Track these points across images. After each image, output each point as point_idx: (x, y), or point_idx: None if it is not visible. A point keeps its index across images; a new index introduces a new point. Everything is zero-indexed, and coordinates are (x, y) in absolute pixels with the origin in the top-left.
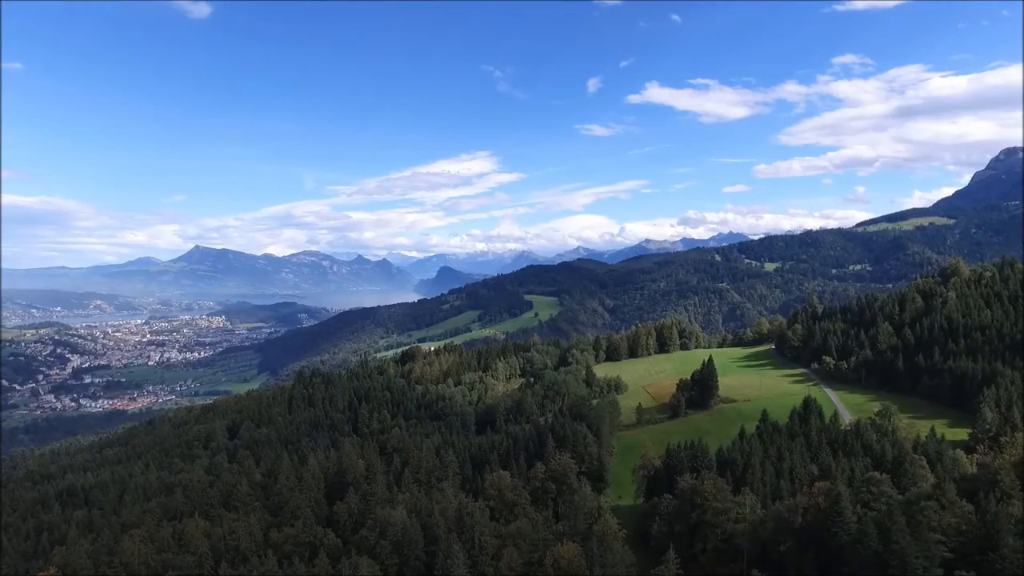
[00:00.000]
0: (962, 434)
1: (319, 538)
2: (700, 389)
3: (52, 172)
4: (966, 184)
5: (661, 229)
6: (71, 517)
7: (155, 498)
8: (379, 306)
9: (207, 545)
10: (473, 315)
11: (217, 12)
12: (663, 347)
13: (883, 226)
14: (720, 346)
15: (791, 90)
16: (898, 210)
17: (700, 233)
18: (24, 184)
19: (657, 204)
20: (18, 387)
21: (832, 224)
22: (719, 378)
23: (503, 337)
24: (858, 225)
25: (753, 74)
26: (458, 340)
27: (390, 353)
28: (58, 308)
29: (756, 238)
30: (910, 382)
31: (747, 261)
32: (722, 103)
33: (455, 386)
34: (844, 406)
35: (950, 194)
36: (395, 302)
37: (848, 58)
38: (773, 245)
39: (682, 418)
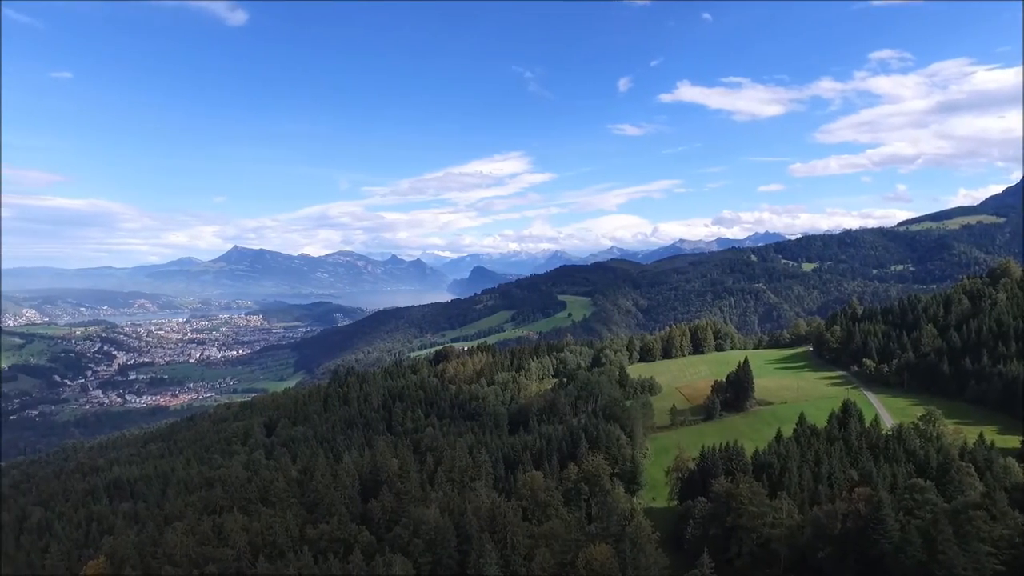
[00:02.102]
0: (1014, 441)
1: (353, 535)
2: (735, 391)
3: (98, 176)
4: (1017, 181)
5: (695, 229)
6: (118, 508)
7: (196, 492)
8: (413, 306)
9: (245, 539)
10: (506, 315)
11: (253, 18)
12: (697, 348)
13: (927, 225)
14: (756, 347)
15: (826, 87)
16: (942, 208)
17: (735, 233)
18: (72, 187)
19: (691, 204)
20: (69, 382)
21: (872, 223)
22: (755, 380)
23: (536, 337)
24: (900, 224)
25: (786, 71)
26: (491, 340)
27: (424, 353)
28: (105, 307)
29: (793, 238)
30: (956, 386)
31: (783, 261)
32: (755, 101)
33: (488, 386)
34: (885, 410)
35: (999, 191)
36: (429, 302)
37: (886, 53)
38: (811, 245)
39: (717, 420)
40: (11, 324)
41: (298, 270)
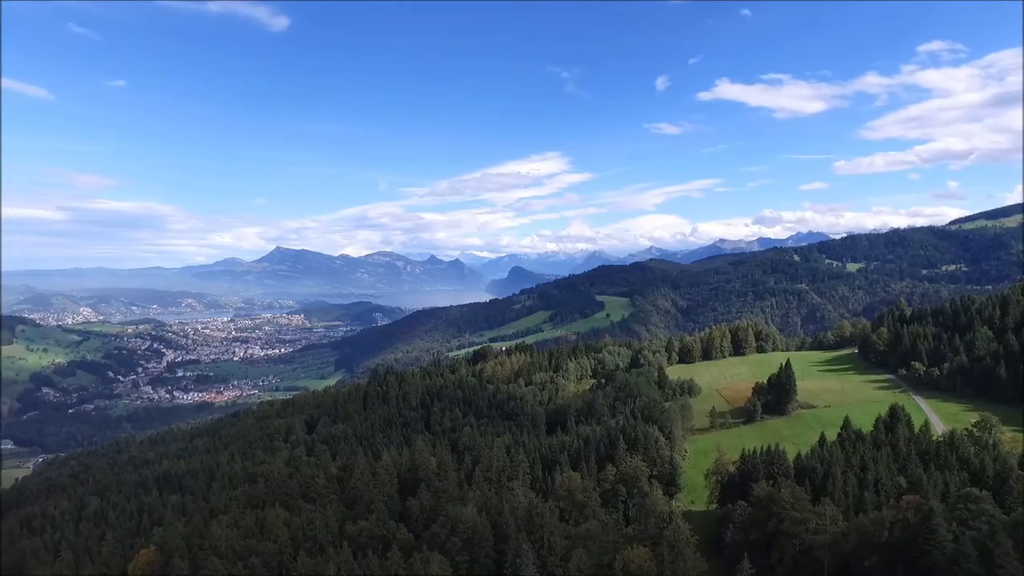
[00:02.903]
0: None
1: (392, 532)
2: (777, 393)
3: (148, 179)
4: None
5: (735, 229)
6: (167, 501)
7: (240, 487)
8: (451, 306)
9: (287, 534)
10: (544, 315)
11: (294, 23)
12: (738, 349)
13: (981, 223)
14: (798, 349)
15: (871, 82)
16: (999, 206)
17: (776, 232)
18: (124, 191)
19: (731, 203)
20: (121, 378)
21: (921, 222)
22: (797, 382)
23: (574, 337)
24: (952, 223)
25: (829, 67)
26: (529, 340)
27: (462, 352)
28: (155, 306)
29: (837, 237)
30: (1014, 392)
31: (828, 261)
32: (796, 98)
33: (526, 386)
34: (936, 415)
35: None
36: (467, 302)
37: (936, 45)
38: (856, 244)
39: (758, 423)
40: (69, 322)
41: (338, 270)
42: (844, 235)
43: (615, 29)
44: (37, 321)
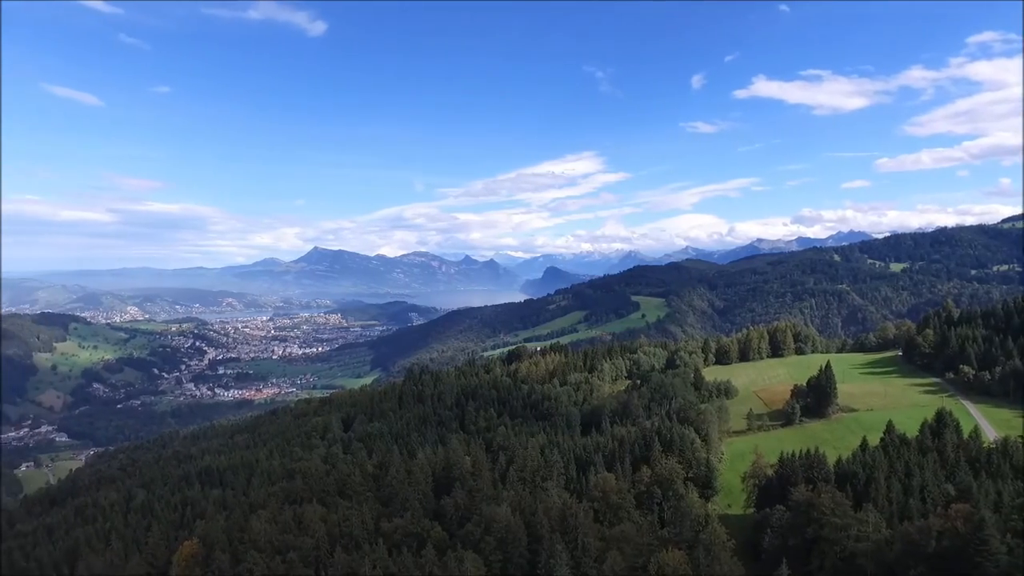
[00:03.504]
0: None
1: (426, 530)
2: (816, 396)
3: (191, 181)
4: None
5: (773, 228)
6: (209, 495)
7: (278, 483)
8: (486, 306)
9: (323, 530)
10: (579, 315)
11: (331, 28)
12: (776, 351)
13: None
14: (839, 351)
15: (916, 76)
16: None
17: (816, 232)
18: (168, 193)
19: (769, 202)
20: (166, 375)
21: (971, 220)
22: (838, 385)
23: (609, 338)
24: (1004, 221)
25: (871, 62)
26: (564, 340)
27: (497, 352)
28: (197, 305)
29: (880, 236)
30: None
31: (870, 261)
32: (837, 94)
33: (560, 386)
34: (987, 421)
35: None
36: (502, 302)
37: (987, 36)
38: (900, 244)
39: (796, 426)
40: (117, 320)
41: (375, 270)
42: (887, 234)
43: (649, 28)
44: (88, 319)
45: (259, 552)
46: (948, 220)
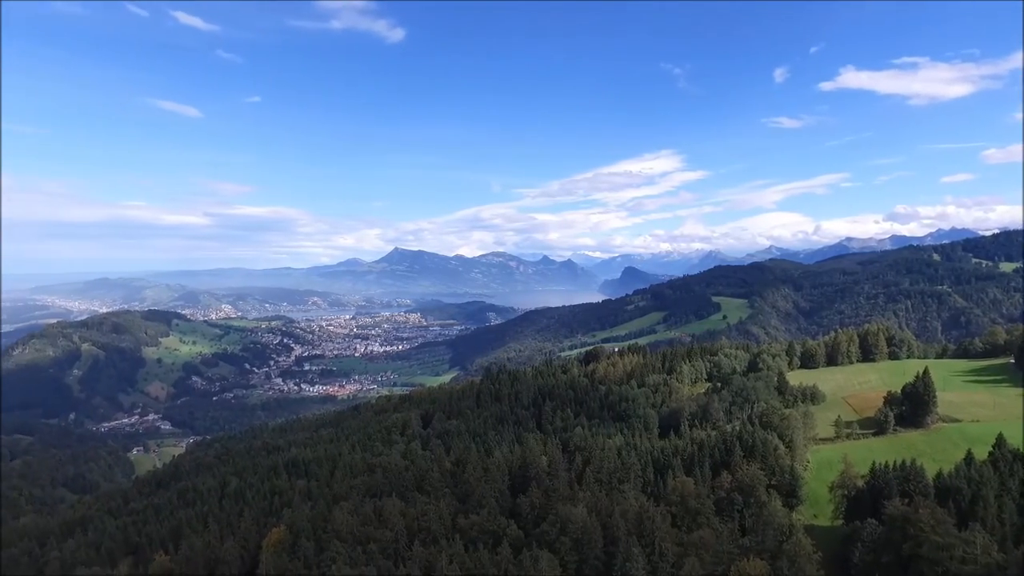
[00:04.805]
0: None
1: (502, 528)
2: (913, 404)
3: (279, 185)
4: None
5: (864, 226)
6: (295, 485)
7: (359, 476)
8: (563, 306)
9: (402, 523)
10: (658, 316)
11: (409, 34)
12: (867, 355)
13: None
14: (939, 357)
15: None
16: None
17: (912, 230)
18: (258, 197)
19: (859, 199)
20: (256, 370)
21: None
22: (937, 393)
23: (689, 339)
24: None
25: (976, 45)
26: (642, 341)
27: (574, 352)
28: (284, 304)
29: (987, 234)
30: None
31: (975, 261)
32: (936, 82)
33: (638, 388)
34: None
35: None
36: (579, 302)
37: None
38: (1011, 241)
39: (890, 435)
40: (213, 317)
41: (453, 270)
42: (996, 231)
43: (728, 22)
44: (188, 316)
45: (341, 542)
46: None
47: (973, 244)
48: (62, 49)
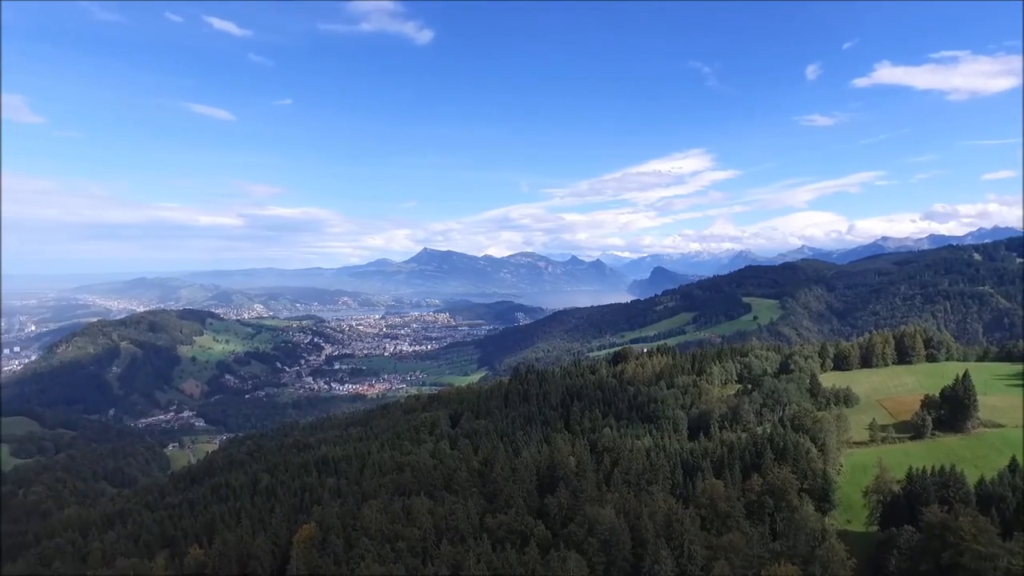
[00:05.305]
0: None
1: (530, 528)
2: (952, 408)
3: (309, 186)
4: None
5: (900, 225)
6: (325, 482)
7: (388, 474)
8: (592, 306)
9: (431, 522)
10: (687, 317)
11: (437, 36)
12: (903, 357)
13: None
14: (979, 360)
15: None
16: None
17: (951, 228)
18: (289, 198)
19: (895, 197)
20: (287, 369)
21: None
22: (979, 396)
23: (718, 340)
24: None
25: (1021, 36)
26: (671, 342)
27: (602, 353)
28: (315, 303)
29: None
30: None
31: (1020, 260)
32: (976, 76)
33: (667, 389)
34: None
35: None
36: (608, 302)
37: None
38: None
39: (927, 439)
40: (246, 316)
41: (482, 270)
42: None
43: (757, 19)
44: (221, 315)
45: (370, 539)
46: None
47: (1017, 243)
48: (103, 56)
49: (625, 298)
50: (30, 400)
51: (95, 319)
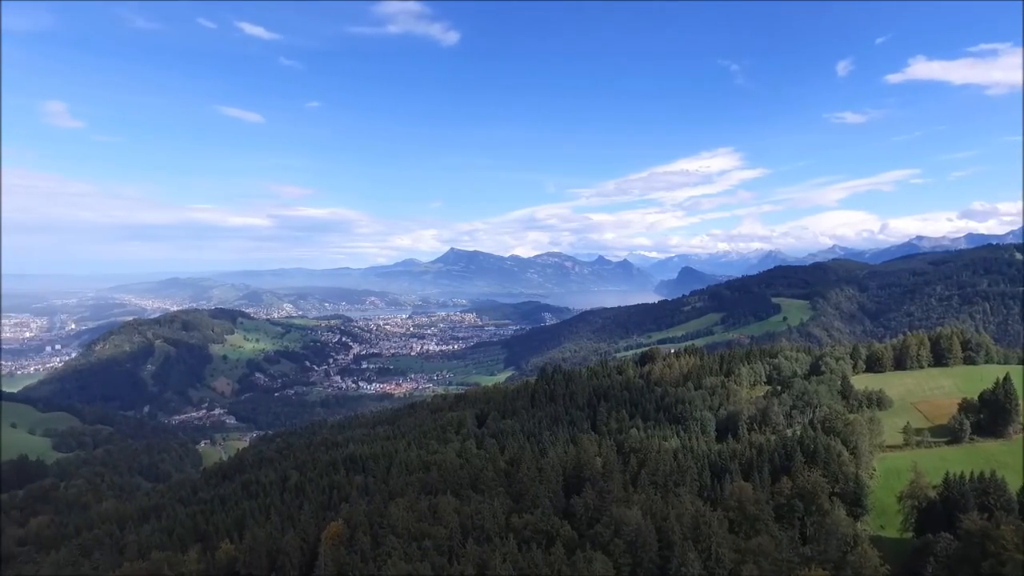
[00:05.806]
0: None
1: (556, 528)
2: (992, 412)
3: (338, 187)
4: None
5: (936, 224)
6: (352, 480)
7: (415, 473)
8: (619, 306)
9: (457, 521)
10: (715, 317)
11: (464, 37)
12: (940, 360)
13: None
14: (1022, 362)
15: None
16: None
17: (990, 227)
18: (318, 199)
19: (930, 196)
20: (315, 368)
21: None
22: (1020, 400)
23: (747, 341)
24: None
25: None
26: (699, 342)
27: (630, 353)
28: (343, 303)
29: None
30: None
31: None
32: (1017, 69)
33: (695, 390)
34: None
35: None
36: (635, 302)
37: None
38: None
39: (965, 444)
40: (275, 316)
41: (509, 270)
42: None
43: (787, 15)
44: (252, 315)
45: (397, 537)
46: None
47: None
48: (140, 63)
49: (652, 298)
50: (71, 396)
51: (131, 318)
